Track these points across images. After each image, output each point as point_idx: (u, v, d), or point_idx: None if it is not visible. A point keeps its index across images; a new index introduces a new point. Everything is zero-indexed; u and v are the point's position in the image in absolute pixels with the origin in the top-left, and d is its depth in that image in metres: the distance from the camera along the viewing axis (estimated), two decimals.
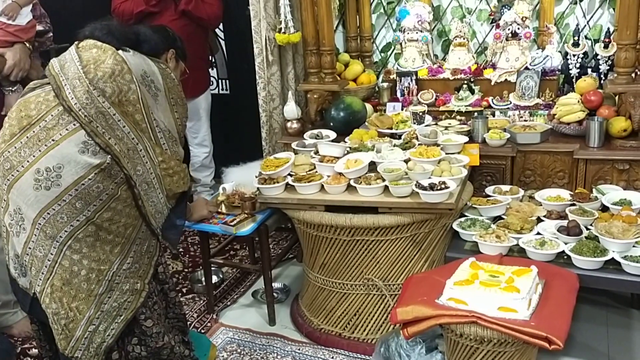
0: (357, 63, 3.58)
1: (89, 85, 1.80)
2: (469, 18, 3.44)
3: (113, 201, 1.86)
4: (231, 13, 4.22)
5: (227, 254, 3.55)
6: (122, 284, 1.92)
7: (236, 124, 4.45)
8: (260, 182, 2.60)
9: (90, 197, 1.81)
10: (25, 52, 2.72)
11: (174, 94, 2.07)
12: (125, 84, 1.87)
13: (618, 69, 2.68)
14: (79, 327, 1.88)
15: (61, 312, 1.86)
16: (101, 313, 1.90)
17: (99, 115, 1.81)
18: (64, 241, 1.83)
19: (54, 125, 1.81)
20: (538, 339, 1.82)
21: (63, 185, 1.79)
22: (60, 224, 1.81)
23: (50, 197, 1.79)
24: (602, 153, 2.67)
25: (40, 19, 2.99)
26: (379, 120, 3.03)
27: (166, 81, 2.04)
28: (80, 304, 1.87)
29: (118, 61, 1.88)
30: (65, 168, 1.78)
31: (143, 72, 1.96)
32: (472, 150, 2.70)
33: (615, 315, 2.72)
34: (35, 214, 1.81)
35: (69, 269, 1.85)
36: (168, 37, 2.25)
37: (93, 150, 1.81)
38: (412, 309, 1.99)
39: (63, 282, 1.86)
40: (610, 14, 3.19)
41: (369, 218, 2.38)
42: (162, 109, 2.01)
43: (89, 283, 1.87)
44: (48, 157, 1.79)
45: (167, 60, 2.20)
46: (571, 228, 2.27)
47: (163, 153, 1.99)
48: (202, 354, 2.42)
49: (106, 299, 1.90)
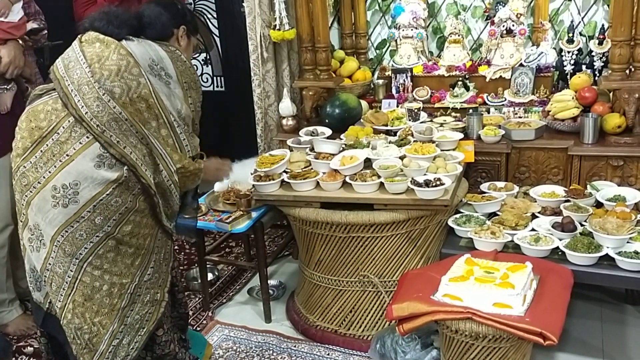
0: (352, 60, 3.58)
1: (98, 90, 1.73)
2: (464, 15, 3.44)
3: (132, 214, 1.82)
4: (226, 10, 4.21)
5: (222, 251, 3.55)
6: (144, 296, 1.90)
7: (231, 121, 4.44)
8: (256, 179, 2.60)
9: (109, 211, 1.77)
10: (19, 49, 2.70)
11: (186, 78, 1.95)
12: (134, 80, 1.79)
13: (612, 66, 2.69)
14: (102, 341, 1.84)
15: (84, 327, 1.83)
16: (124, 327, 1.87)
17: (112, 123, 1.74)
18: (84, 258, 1.79)
19: (66, 138, 1.75)
20: (533, 334, 1.83)
21: (81, 202, 1.75)
22: (80, 241, 1.77)
23: (68, 215, 1.75)
24: (597, 149, 2.67)
25: (34, 16, 2.97)
26: (374, 117, 3.03)
27: (177, 65, 1.92)
28: (104, 319, 1.84)
29: (123, 55, 1.79)
30: (82, 184, 1.74)
31: (151, 61, 1.85)
32: (467, 146, 2.70)
33: (609, 311, 2.74)
34: (53, 231, 1.77)
35: (90, 285, 1.81)
36: (177, 13, 2.06)
37: (109, 163, 1.76)
38: (408, 306, 2.00)
39: (85, 298, 1.82)
40: (604, 11, 3.20)
41: (365, 215, 2.38)
42: (177, 97, 1.91)
43: (111, 298, 1.83)
44: (64, 174, 1.74)
45: (179, 39, 2.06)
46: (565, 224, 2.28)
47: (182, 159, 1.89)
48: (198, 352, 2.42)
49: (129, 312, 1.87)
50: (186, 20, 2.09)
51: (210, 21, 4.35)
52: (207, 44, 4.41)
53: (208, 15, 4.35)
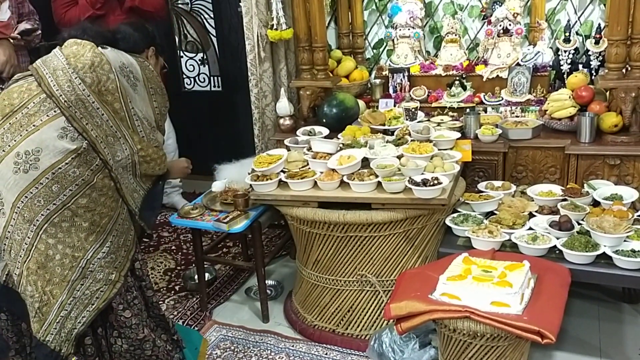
0: (350, 60, 3.58)
1: (71, 74, 1.90)
2: (461, 14, 3.45)
3: (89, 188, 1.92)
4: (223, 10, 4.21)
5: (220, 251, 3.54)
6: (96, 272, 1.97)
7: (228, 121, 4.44)
8: (253, 178, 2.60)
9: (66, 181, 1.88)
10: (12, 48, 2.70)
11: (152, 84, 2.14)
12: (104, 74, 1.96)
13: (609, 65, 2.69)
14: (51, 311, 1.93)
15: (35, 295, 1.92)
16: (73, 299, 1.94)
17: (79, 102, 1.89)
18: (40, 224, 1.88)
19: (35, 111, 1.88)
20: (531, 333, 1.83)
21: (40, 168, 1.85)
22: (37, 207, 1.87)
23: (28, 180, 1.85)
24: (594, 148, 2.68)
25: (28, 16, 2.97)
26: (371, 117, 3.03)
27: (145, 72, 2.12)
28: (54, 289, 1.92)
29: (97, 53, 1.97)
30: (43, 152, 1.85)
31: (121, 64, 2.03)
32: (464, 146, 2.71)
33: (606, 309, 2.74)
34: (14, 197, 1.87)
35: (44, 252, 1.90)
36: (148, 35, 2.31)
37: (71, 136, 1.88)
38: (406, 305, 2.00)
39: (38, 265, 1.91)
40: (601, 10, 3.21)
41: (362, 214, 2.38)
42: (141, 99, 2.09)
43: (62, 268, 1.92)
44: (28, 141, 1.85)
45: (148, 57, 2.28)
46: (563, 223, 2.28)
47: (141, 141, 2.06)
48: (193, 348, 2.42)
49: (79, 286, 1.95)
50: (155, 41, 2.35)
51: (207, 21, 4.35)
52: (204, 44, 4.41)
53: (205, 15, 4.36)
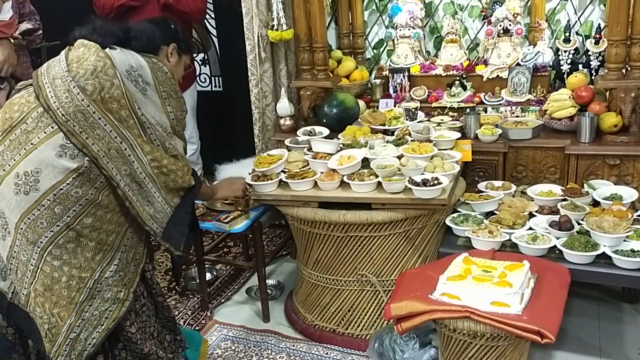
0: (350, 60, 3.58)
1: (69, 84, 1.79)
2: (461, 14, 3.45)
3: (93, 207, 1.83)
4: (223, 10, 4.21)
5: (220, 251, 3.55)
6: (104, 292, 1.89)
7: (229, 121, 4.44)
8: (254, 179, 2.60)
9: (69, 202, 1.80)
10: (12, 48, 2.71)
11: (165, 87, 1.99)
12: (108, 80, 1.83)
13: (609, 65, 2.69)
14: (60, 333, 1.86)
15: (44, 317, 1.85)
16: (82, 321, 1.87)
17: (78, 114, 1.78)
18: (44, 247, 1.81)
19: (33, 128, 1.80)
20: (530, 333, 1.83)
21: (41, 189, 1.78)
22: (41, 229, 1.80)
23: (29, 202, 1.78)
24: (593, 148, 2.69)
25: (29, 16, 2.97)
26: (371, 117, 3.03)
27: (156, 75, 1.97)
28: (61, 311, 1.85)
29: (101, 57, 1.85)
30: (43, 172, 1.77)
31: (129, 67, 1.90)
32: (464, 146, 2.71)
33: (606, 309, 2.75)
34: (17, 218, 1.80)
35: (49, 275, 1.83)
36: (169, 31, 2.14)
37: (71, 154, 1.79)
38: (406, 305, 2.00)
39: (45, 287, 1.84)
40: (601, 10, 3.21)
41: (362, 214, 2.39)
42: (153, 104, 1.95)
43: (69, 290, 1.85)
44: (27, 162, 1.78)
45: (168, 55, 2.12)
46: (563, 223, 2.29)
47: (153, 151, 1.90)
48: (194, 349, 2.42)
49: (87, 307, 1.87)
50: (177, 38, 2.16)
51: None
52: (205, 44, 4.41)
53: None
